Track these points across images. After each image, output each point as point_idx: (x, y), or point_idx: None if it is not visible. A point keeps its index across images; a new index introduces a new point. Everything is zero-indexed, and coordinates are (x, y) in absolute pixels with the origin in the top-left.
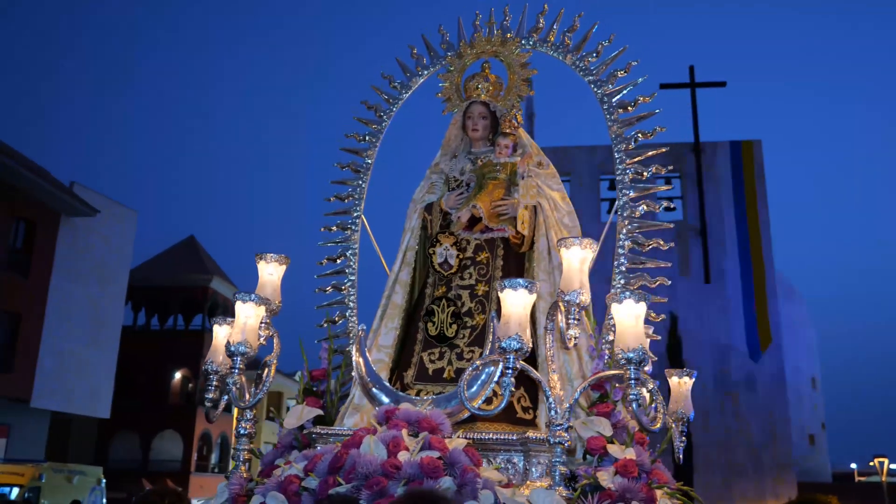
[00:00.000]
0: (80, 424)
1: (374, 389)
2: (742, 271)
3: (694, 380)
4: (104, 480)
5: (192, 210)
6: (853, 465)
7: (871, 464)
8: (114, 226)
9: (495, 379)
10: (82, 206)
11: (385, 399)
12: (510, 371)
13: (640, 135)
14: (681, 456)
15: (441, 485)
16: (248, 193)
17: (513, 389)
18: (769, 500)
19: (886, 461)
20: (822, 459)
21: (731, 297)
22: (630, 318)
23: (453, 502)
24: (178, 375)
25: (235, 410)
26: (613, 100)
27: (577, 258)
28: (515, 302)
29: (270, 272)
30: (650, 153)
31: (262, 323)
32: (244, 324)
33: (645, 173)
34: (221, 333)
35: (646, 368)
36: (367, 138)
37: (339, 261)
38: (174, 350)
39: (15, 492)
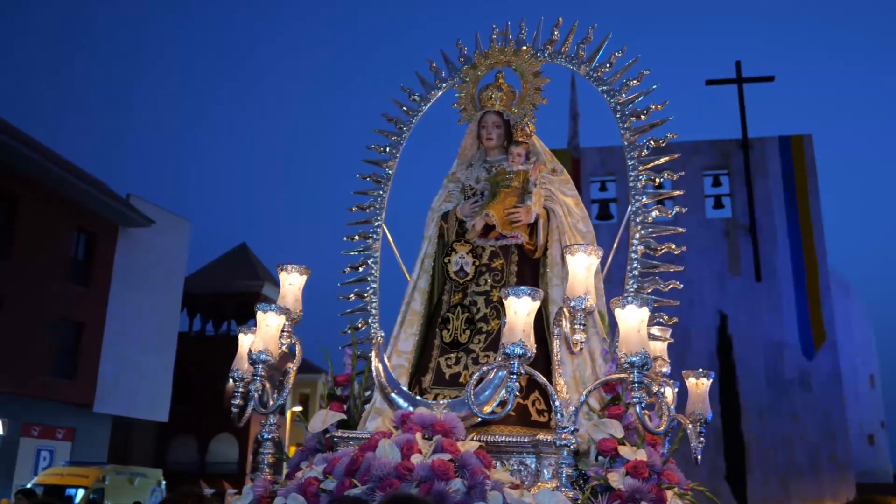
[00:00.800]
0: (141, 428)
1: (392, 394)
2: (794, 268)
3: (711, 381)
4: (164, 482)
5: (243, 217)
6: None
7: None
8: (169, 235)
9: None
10: (139, 217)
11: (403, 403)
12: (514, 376)
13: (652, 142)
14: (699, 457)
15: (451, 487)
16: (295, 199)
17: (518, 393)
18: (827, 501)
19: None
20: (882, 459)
21: (784, 295)
22: (633, 323)
23: None
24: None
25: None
26: (627, 108)
27: (583, 264)
28: (520, 308)
29: (291, 282)
30: (663, 159)
31: (283, 331)
32: (266, 333)
33: (657, 180)
34: (246, 342)
35: (663, 370)
36: (387, 150)
37: (361, 269)
38: (229, 355)
39: (80, 493)
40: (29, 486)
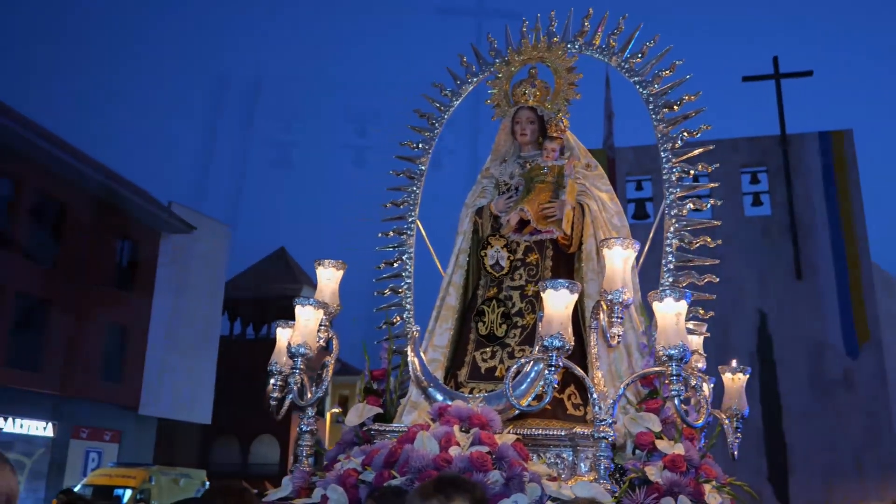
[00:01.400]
0: (185, 430)
1: (429, 388)
2: (836, 265)
3: (748, 376)
4: (208, 483)
5: (281, 222)
6: None
7: None
8: (209, 241)
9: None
10: (180, 223)
11: (439, 397)
12: (552, 369)
13: (685, 133)
14: (735, 452)
15: (490, 478)
16: (336, 202)
17: (556, 386)
18: (873, 503)
19: None
20: None
21: (825, 293)
22: (671, 316)
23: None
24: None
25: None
26: (659, 99)
27: (620, 258)
28: (557, 302)
29: (328, 277)
30: (697, 151)
31: (321, 326)
32: (304, 327)
33: (691, 171)
34: (284, 336)
35: (699, 365)
36: (420, 146)
37: (395, 265)
38: (269, 357)
39: (128, 493)
40: (79, 486)
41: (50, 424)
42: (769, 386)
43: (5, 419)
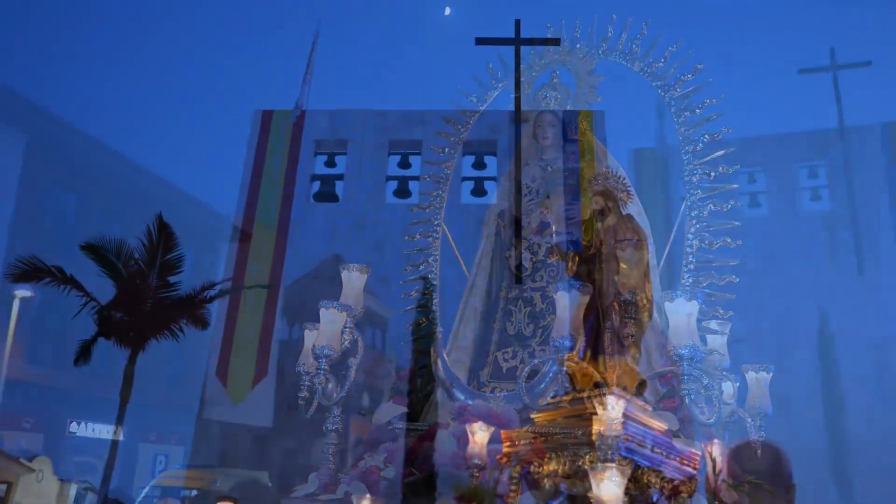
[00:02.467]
0: (246, 432)
1: (452, 388)
2: None
3: (771, 375)
4: (270, 484)
5: (332, 227)
6: None
7: None
8: (267, 248)
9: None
10: (239, 233)
11: (461, 396)
12: (563, 368)
13: (706, 136)
14: (759, 450)
15: (506, 475)
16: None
17: (573, 385)
18: None
19: None
20: None
21: (889, 288)
22: (682, 316)
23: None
24: (329, 385)
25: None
26: (681, 103)
27: (634, 258)
28: (569, 303)
29: (353, 281)
30: (718, 153)
31: (345, 327)
32: (328, 329)
33: (712, 173)
34: (311, 339)
35: (722, 363)
36: (446, 151)
37: (421, 267)
38: None
39: (195, 494)
40: (147, 488)
41: (120, 428)
42: (831, 385)
43: (78, 424)
